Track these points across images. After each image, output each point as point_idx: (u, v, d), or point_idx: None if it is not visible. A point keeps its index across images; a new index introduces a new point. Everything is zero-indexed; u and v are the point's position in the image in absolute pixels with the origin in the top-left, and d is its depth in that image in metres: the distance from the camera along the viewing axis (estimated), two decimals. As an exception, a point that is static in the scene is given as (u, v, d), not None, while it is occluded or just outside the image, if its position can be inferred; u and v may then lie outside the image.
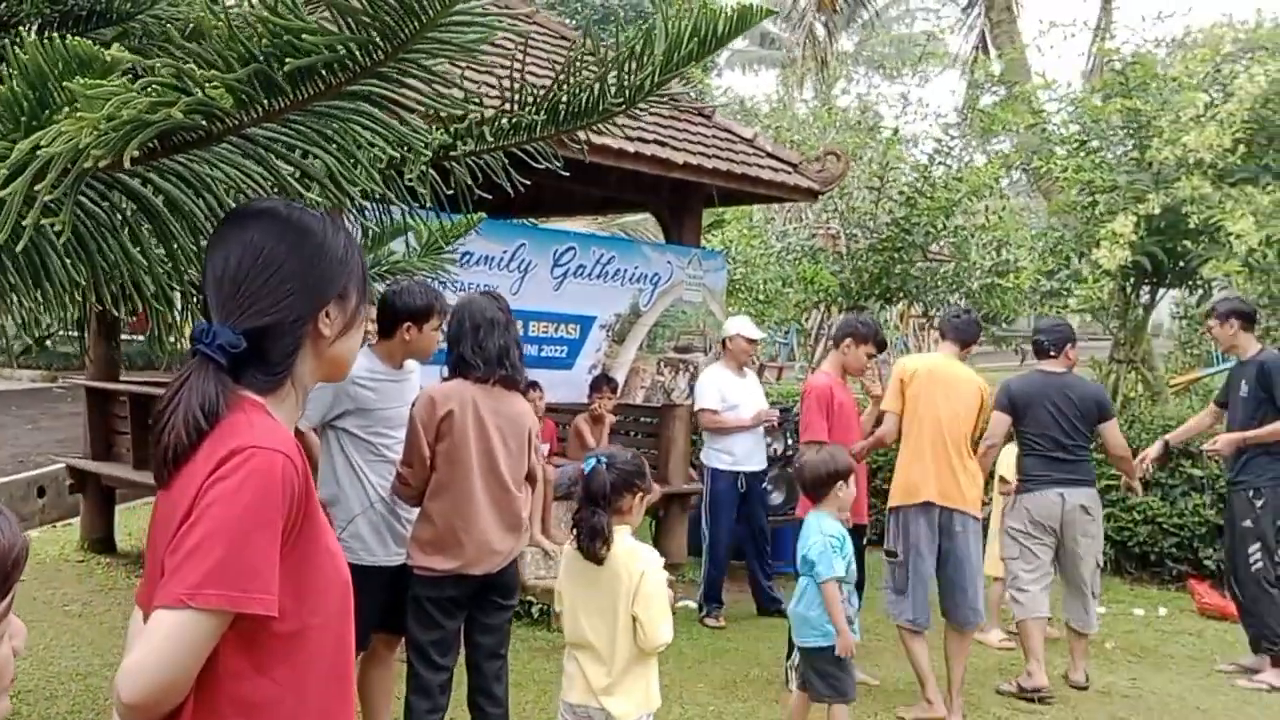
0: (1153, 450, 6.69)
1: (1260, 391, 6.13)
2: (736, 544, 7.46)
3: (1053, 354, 5.99)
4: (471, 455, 3.94)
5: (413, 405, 4.04)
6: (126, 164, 1.49)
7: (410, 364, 4.31)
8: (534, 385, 7.11)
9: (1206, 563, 8.11)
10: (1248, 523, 6.20)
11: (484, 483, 3.98)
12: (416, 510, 4.11)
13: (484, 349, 3.97)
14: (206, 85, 1.48)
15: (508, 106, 2.52)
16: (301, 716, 1.60)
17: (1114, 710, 5.63)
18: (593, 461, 3.56)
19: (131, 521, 9.53)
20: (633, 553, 3.52)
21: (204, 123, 1.59)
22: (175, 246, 2.17)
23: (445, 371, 4.13)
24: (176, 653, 1.47)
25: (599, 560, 3.48)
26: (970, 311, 6.10)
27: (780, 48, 32.10)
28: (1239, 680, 6.18)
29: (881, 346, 6.11)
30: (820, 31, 27.59)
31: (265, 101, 1.56)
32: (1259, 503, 6.17)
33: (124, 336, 10.03)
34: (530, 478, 4.23)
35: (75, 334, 8.53)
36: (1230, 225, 7.42)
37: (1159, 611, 7.57)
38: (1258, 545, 6.16)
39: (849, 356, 5.96)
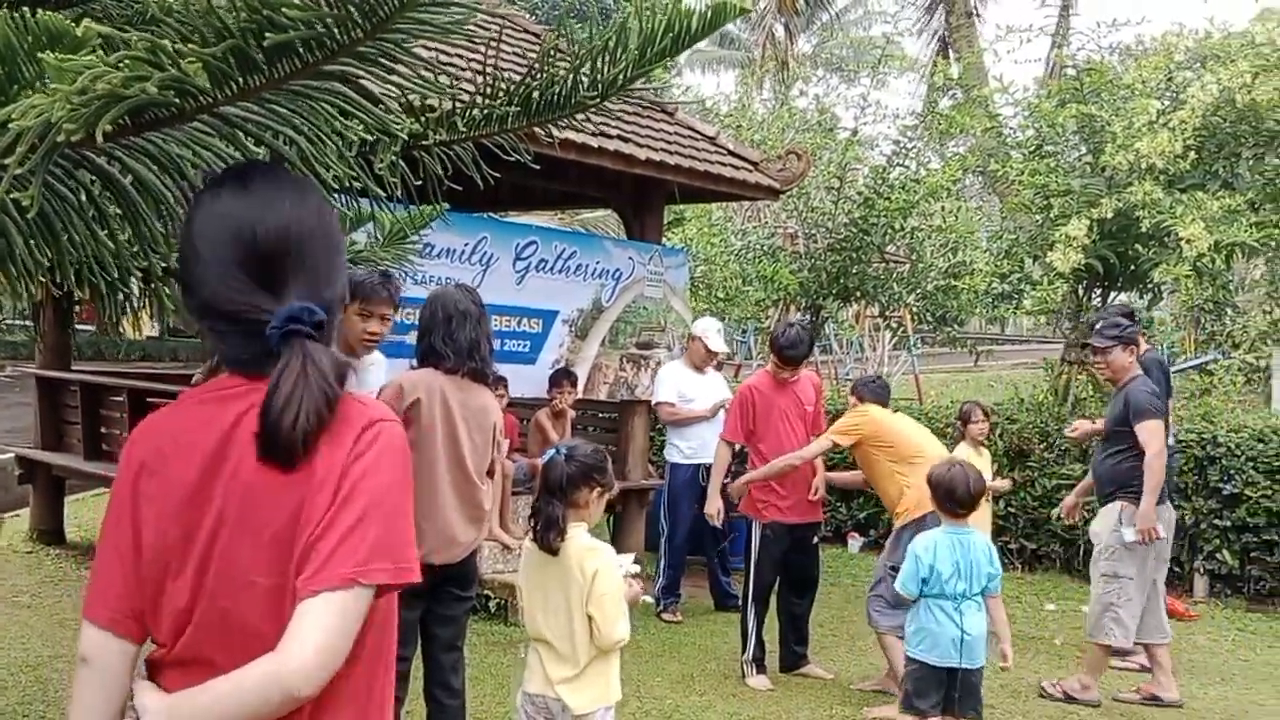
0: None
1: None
2: (694, 539, 7.50)
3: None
4: (437, 444, 3.95)
5: (380, 392, 4.03)
6: (99, 139, 1.47)
7: (374, 355, 4.30)
8: (500, 381, 7.11)
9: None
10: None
11: (449, 472, 3.98)
12: None
13: (455, 340, 3.99)
14: (182, 61, 1.47)
15: (480, 97, 2.52)
16: (390, 669, 1.62)
17: (1063, 703, 5.72)
18: (552, 453, 3.57)
19: (81, 512, 9.39)
20: (588, 551, 3.50)
21: (177, 99, 1.58)
22: (142, 227, 2.15)
23: (414, 361, 4.13)
24: (349, 633, 1.46)
25: (553, 551, 3.47)
26: (878, 379, 6.27)
27: (740, 48, 32.21)
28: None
29: (787, 360, 6.06)
30: (780, 32, 27.72)
31: (241, 79, 1.55)
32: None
33: (77, 326, 9.89)
34: (490, 470, 4.23)
35: (25, 323, 8.38)
36: (1181, 230, 7.56)
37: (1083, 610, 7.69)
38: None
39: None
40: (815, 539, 6.15)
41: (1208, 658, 6.70)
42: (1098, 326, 6.12)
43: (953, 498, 4.53)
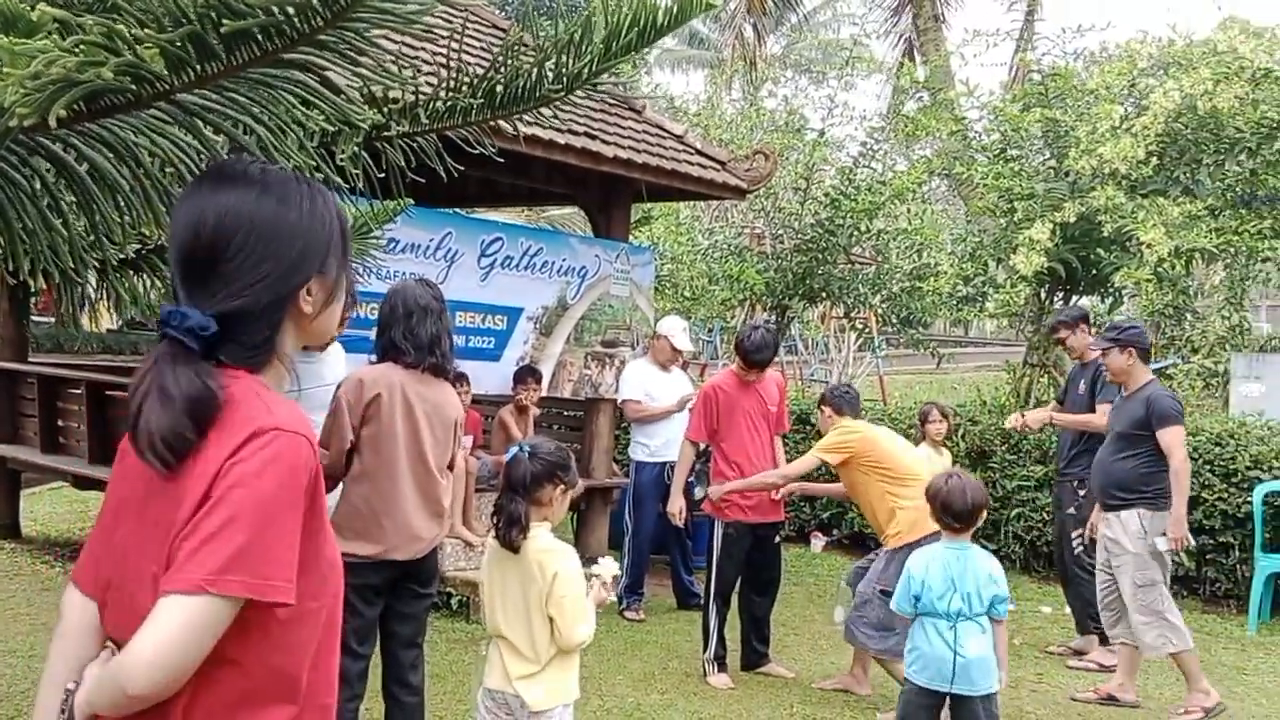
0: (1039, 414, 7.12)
1: (1091, 394, 6.60)
2: (658, 538, 7.50)
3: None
4: (398, 440, 3.92)
5: (338, 387, 4.00)
6: (52, 124, 1.45)
7: (333, 348, 4.27)
8: (462, 378, 7.08)
9: (1111, 562, 8.34)
10: (1071, 510, 6.69)
11: (410, 468, 3.96)
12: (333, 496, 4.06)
13: (415, 335, 3.96)
14: (139, 46, 1.45)
15: (444, 89, 2.51)
16: (289, 707, 1.55)
17: (1021, 704, 5.77)
18: (516, 450, 3.55)
19: (37, 507, 9.27)
20: (549, 553, 3.48)
21: (134, 86, 1.56)
22: (98, 217, 2.12)
23: (373, 356, 4.10)
24: (192, 641, 1.41)
25: (515, 548, 3.46)
26: (849, 388, 6.14)
27: (709, 48, 32.25)
28: (1070, 661, 6.56)
29: (753, 364, 6.06)
30: (749, 33, 27.77)
31: (198, 66, 1.52)
32: (1082, 492, 6.59)
33: (36, 318, 9.75)
34: (451, 464, 4.21)
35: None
36: (1142, 235, 7.65)
37: (1065, 610, 7.75)
38: (1080, 531, 6.57)
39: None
40: (777, 538, 6.16)
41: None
42: (1102, 330, 6.26)
43: (949, 510, 4.33)
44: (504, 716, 3.55)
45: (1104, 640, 6.50)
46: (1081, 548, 6.61)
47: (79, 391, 7.52)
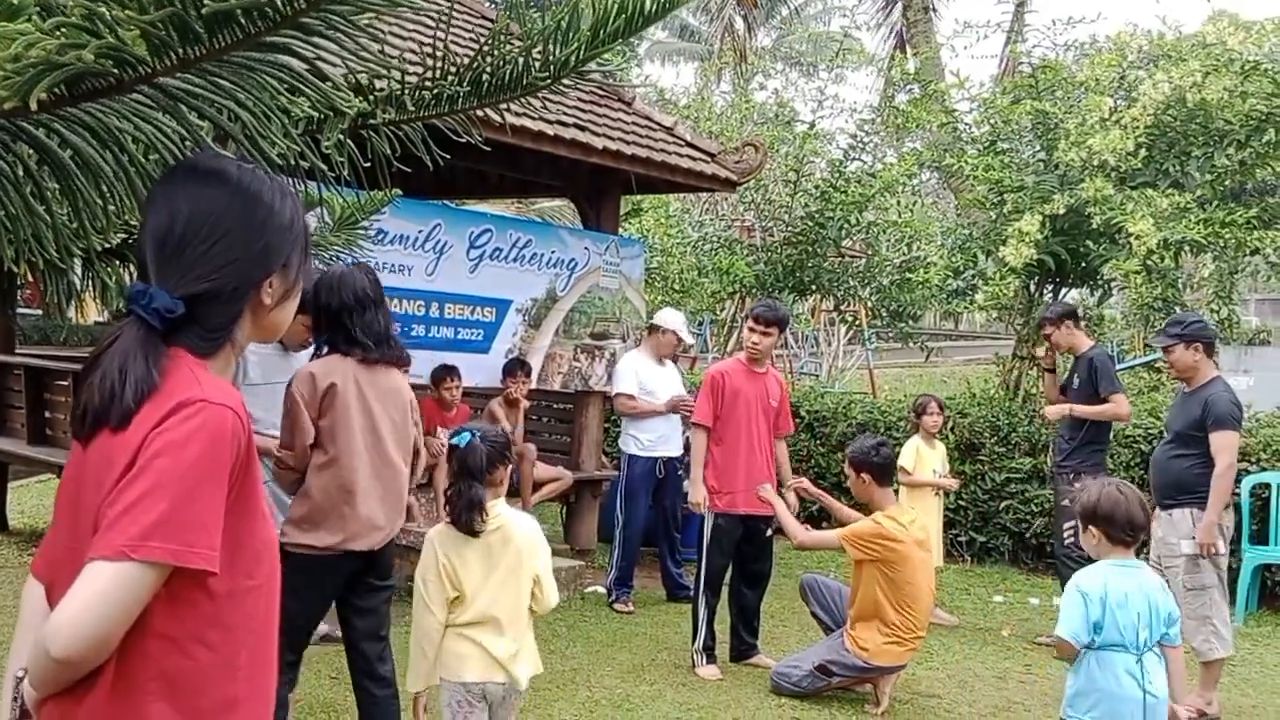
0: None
1: (1089, 385, 6.61)
2: (647, 530, 7.49)
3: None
4: (355, 430, 3.88)
5: (289, 385, 3.92)
6: (33, 107, 1.44)
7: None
8: (452, 371, 7.08)
9: (1100, 554, 8.38)
10: (1066, 502, 6.58)
11: (369, 458, 3.91)
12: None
13: (371, 329, 3.89)
14: (119, 29, 1.43)
15: (430, 77, 2.49)
16: (228, 685, 1.56)
17: (1009, 694, 5.78)
18: (467, 436, 3.55)
19: (25, 499, 9.24)
20: (517, 519, 3.60)
21: (115, 69, 1.54)
22: (81, 203, 2.10)
23: (323, 348, 4.01)
24: (113, 606, 1.43)
25: (476, 533, 3.49)
26: (884, 446, 5.66)
27: (700, 40, 32.23)
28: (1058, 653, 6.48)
29: (769, 323, 6.00)
30: (739, 25, 27.77)
31: (180, 49, 1.51)
32: (1078, 485, 6.47)
33: (24, 310, 9.71)
34: (415, 451, 4.19)
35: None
36: (1130, 226, 7.66)
37: (1053, 601, 7.78)
38: (1073, 523, 6.50)
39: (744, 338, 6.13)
40: (769, 531, 6.13)
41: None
42: (1161, 325, 6.13)
43: (1118, 521, 3.71)
44: (474, 711, 3.53)
45: None
46: (1072, 539, 6.62)
47: (66, 383, 7.49)
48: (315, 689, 5.08)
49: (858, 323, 14.97)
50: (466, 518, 3.48)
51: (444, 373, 7.02)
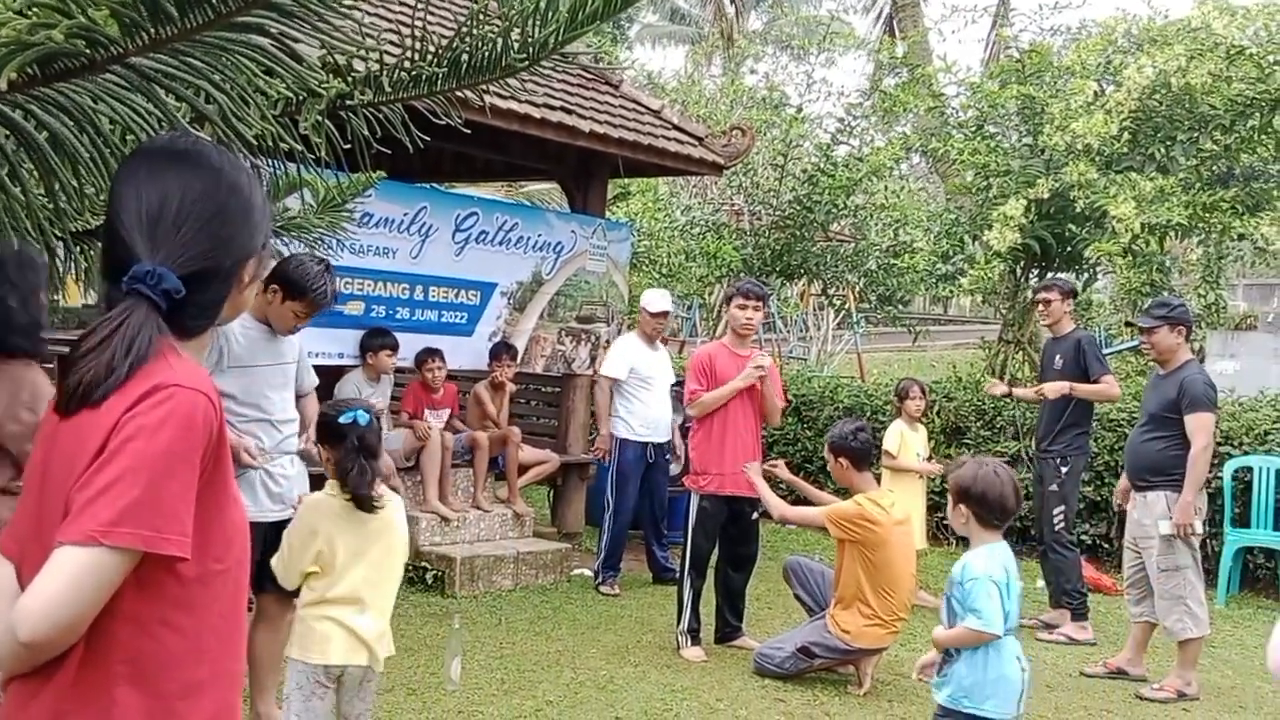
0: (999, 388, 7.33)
1: (1075, 366, 6.59)
2: (634, 513, 7.52)
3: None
4: None
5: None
6: (2, 86, 1.44)
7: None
8: (436, 354, 7.09)
9: (1084, 538, 8.43)
10: (1054, 487, 6.72)
11: None
12: (293, 469, 4.14)
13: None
14: (90, 8, 1.43)
15: (408, 58, 2.49)
16: (194, 669, 1.56)
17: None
18: (362, 414, 3.51)
19: (10, 483, 9.21)
20: (397, 502, 3.63)
21: (87, 49, 1.54)
22: (57, 185, 2.10)
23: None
24: (82, 592, 1.43)
25: (377, 509, 3.48)
26: (862, 430, 5.63)
27: (690, 23, 32.14)
28: (1040, 634, 6.61)
29: (758, 297, 6.07)
30: (729, 8, 27.70)
31: (152, 28, 1.51)
32: (1064, 469, 6.67)
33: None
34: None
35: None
36: (1112, 209, 7.68)
37: (1037, 584, 7.83)
38: (1061, 508, 6.66)
39: (730, 320, 6.11)
40: (755, 514, 6.14)
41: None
42: (1144, 306, 6.12)
43: (991, 504, 3.66)
44: (327, 694, 3.52)
45: (1076, 615, 6.59)
46: (1062, 524, 6.66)
47: (51, 365, 7.45)
48: None
49: (846, 307, 15.01)
50: (367, 495, 3.45)
51: (426, 355, 7.05)
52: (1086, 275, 9.95)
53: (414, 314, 6.98)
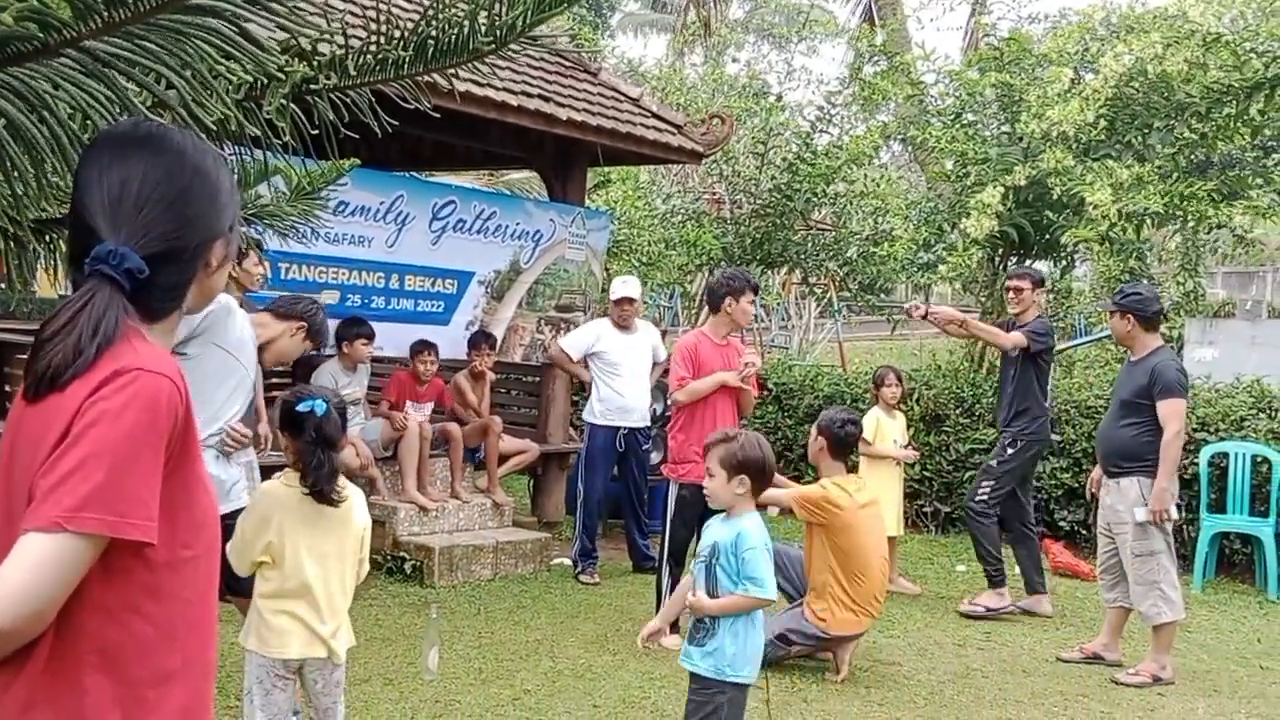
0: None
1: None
2: (614, 502, 7.51)
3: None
4: None
5: None
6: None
7: (222, 297, 4.23)
8: (430, 347, 7.06)
9: (1061, 524, 8.48)
10: (992, 463, 6.93)
11: None
12: (247, 456, 4.14)
13: None
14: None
15: (373, 41, 2.46)
16: (166, 656, 1.55)
17: (968, 662, 5.85)
18: (320, 403, 3.40)
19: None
20: (358, 495, 3.58)
21: (40, 33, 1.52)
22: (15, 172, 2.07)
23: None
24: (48, 579, 1.42)
25: (337, 503, 3.41)
26: (852, 422, 5.67)
27: (673, 12, 32.02)
28: (962, 605, 6.77)
29: (756, 290, 6.16)
30: (709, -4, 27.58)
31: (105, 12, 1.49)
32: (1010, 450, 6.82)
33: (-22, 282, 9.54)
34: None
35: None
36: (1089, 196, 7.70)
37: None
38: (990, 483, 6.83)
39: (735, 313, 6.04)
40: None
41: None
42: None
43: (763, 474, 3.81)
44: (289, 685, 3.49)
45: (993, 583, 6.78)
46: (985, 498, 6.83)
47: (26, 356, 7.40)
48: None
49: (826, 295, 15.02)
50: (329, 488, 3.37)
51: (422, 346, 7.04)
52: (1065, 263, 9.97)
53: (390, 303, 6.95)
